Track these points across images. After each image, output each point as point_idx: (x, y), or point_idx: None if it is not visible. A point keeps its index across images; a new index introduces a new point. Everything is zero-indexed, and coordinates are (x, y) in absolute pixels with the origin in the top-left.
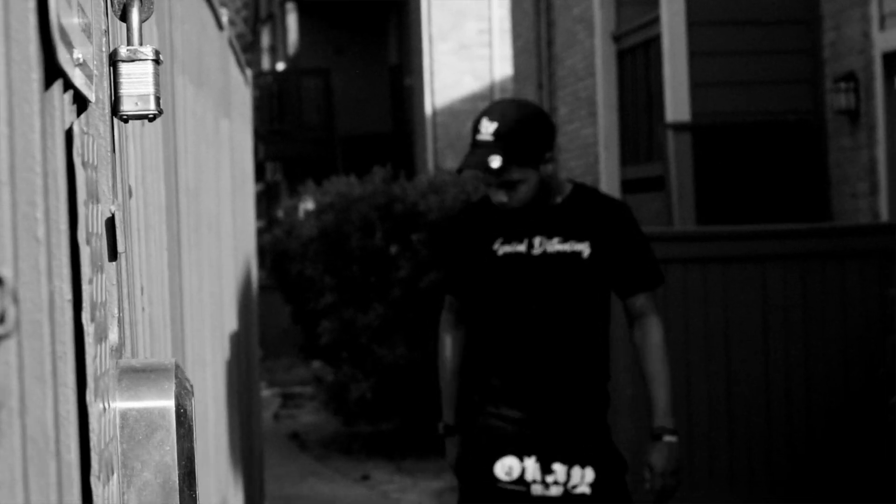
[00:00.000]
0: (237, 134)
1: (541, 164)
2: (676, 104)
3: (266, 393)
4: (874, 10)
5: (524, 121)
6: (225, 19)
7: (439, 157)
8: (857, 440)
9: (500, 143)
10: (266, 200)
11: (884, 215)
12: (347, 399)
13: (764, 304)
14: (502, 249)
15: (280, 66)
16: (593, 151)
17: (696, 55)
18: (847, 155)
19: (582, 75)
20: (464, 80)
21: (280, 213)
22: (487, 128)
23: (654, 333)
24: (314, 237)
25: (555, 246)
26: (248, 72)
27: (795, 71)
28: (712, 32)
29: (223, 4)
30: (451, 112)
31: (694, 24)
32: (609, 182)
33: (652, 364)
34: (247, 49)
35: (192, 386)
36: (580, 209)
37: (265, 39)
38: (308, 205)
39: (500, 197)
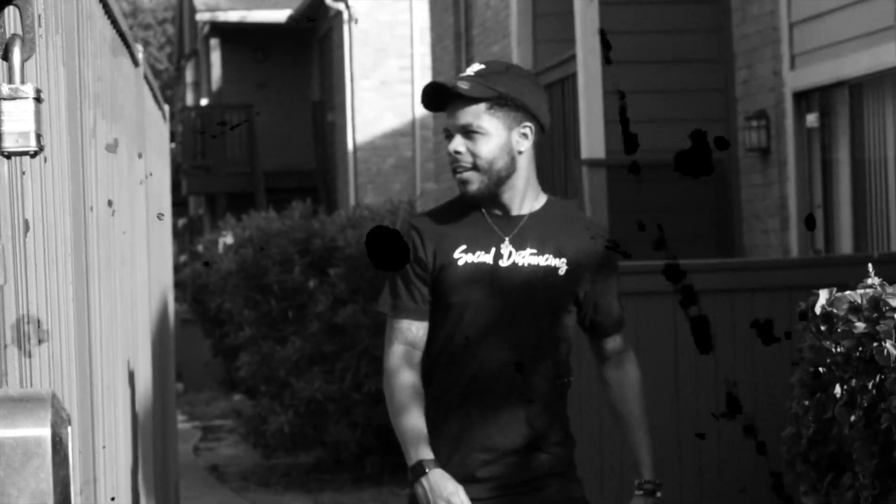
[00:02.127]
0: (154, 168)
1: (516, 130)
2: (591, 141)
3: (186, 426)
4: (785, 50)
5: (515, 70)
6: (140, 55)
7: (360, 192)
8: (758, 470)
9: (479, 78)
10: (189, 235)
11: (794, 251)
12: (266, 432)
13: (675, 339)
14: (464, 259)
15: (204, 102)
16: None
17: (611, 93)
18: (758, 191)
19: None
20: (385, 116)
21: (200, 248)
22: (474, 67)
23: (633, 371)
24: (233, 271)
25: (527, 258)
26: (166, 107)
27: (709, 109)
28: (627, 70)
29: (146, 41)
30: (373, 148)
31: (608, 61)
32: None
33: (632, 405)
34: (171, 85)
35: (68, 415)
36: (557, 223)
37: (189, 75)
38: (228, 239)
39: (457, 145)
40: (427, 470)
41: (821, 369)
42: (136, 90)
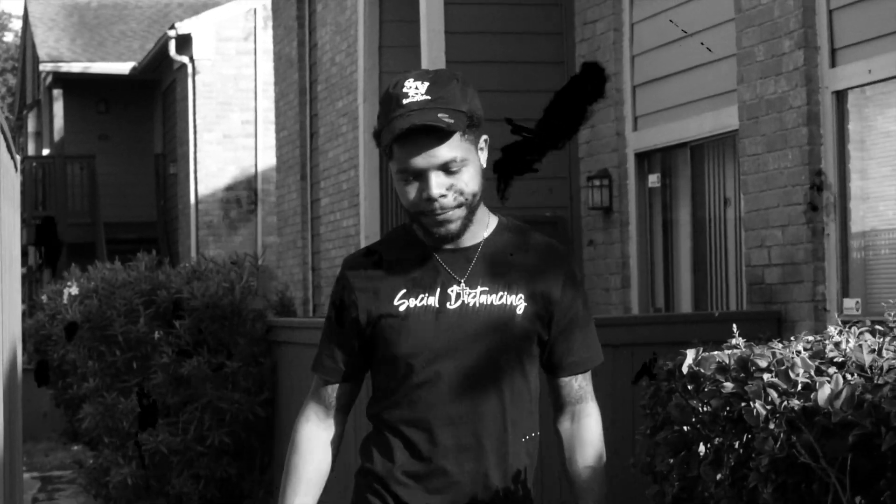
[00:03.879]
0: (5, 218)
1: (479, 147)
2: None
3: (25, 476)
4: (628, 111)
5: (459, 79)
6: None
7: (202, 244)
8: None
9: (439, 102)
10: (28, 285)
11: (635, 308)
12: (108, 483)
13: None
14: (406, 304)
15: (45, 152)
16: (355, 241)
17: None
18: (600, 250)
19: (345, 167)
20: (227, 168)
21: (44, 298)
22: (418, 87)
23: (593, 426)
24: (78, 322)
25: (478, 297)
26: (18, 157)
27: (552, 168)
28: None
29: None
30: (215, 200)
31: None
32: None
33: (587, 463)
34: (12, 135)
35: None
36: (512, 252)
37: (31, 125)
38: (73, 290)
39: (439, 187)
40: None
41: (685, 428)
42: None
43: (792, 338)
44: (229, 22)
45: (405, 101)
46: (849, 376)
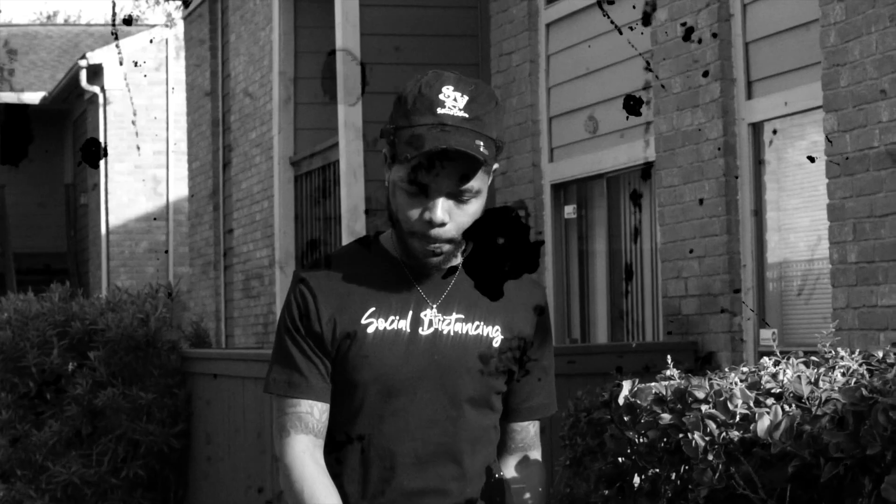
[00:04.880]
0: None
1: (490, 174)
2: (352, 227)
3: None
4: (544, 143)
5: (497, 101)
6: None
7: (113, 275)
8: None
9: (476, 124)
10: None
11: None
12: None
13: None
14: (375, 325)
15: None
16: (269, 273)
17: (372, 181)
18: None
19: (258, 198)
20: (139, 199)
21: None
22: (456, 99)
23: (540, 475)
24: None
25: (453, 325)
26: None
27: None
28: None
29: None
30: (126, 231)
31: (370, 150)
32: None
33: None
34: None
35: None
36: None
37: None
38: None
39: (443, 213)
40: None
41: (620, 459)
42: None
43: (726, 368)
44: (141, 52)
45: (440, 111)
46: (787, 407)
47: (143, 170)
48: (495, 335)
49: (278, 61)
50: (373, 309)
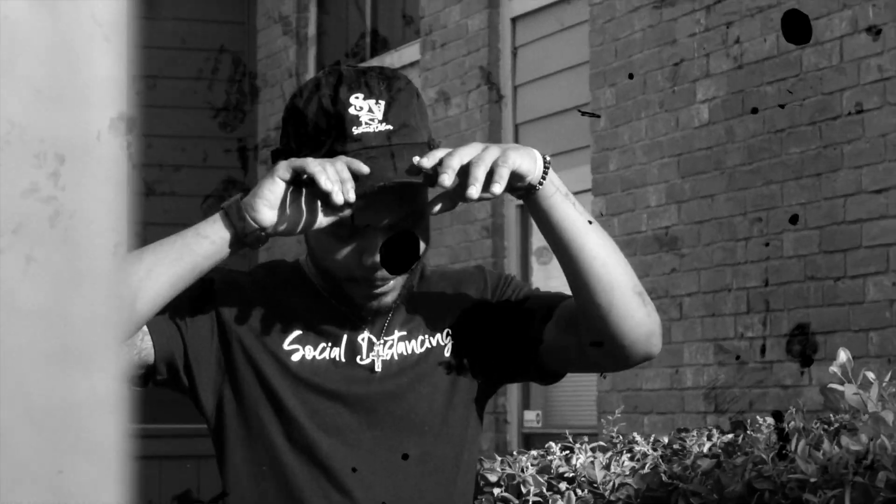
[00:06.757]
0: None
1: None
2: None
3: None
4: None
5: (416, 94)
6: None
7: None
8: None
9: (403, 135)
10: None
11: None
12: None
13: None
14: (301, 354)
15: None
16: None
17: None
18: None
19: None
20: None
21: None
22: (373, 109)
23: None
24: None
25: (395, 347)
26: None
27: None
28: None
29: None
30: None
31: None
32: None
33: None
34: None
35: None
36: (424, 286)
37: None
38: None
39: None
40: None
41: None
42: None
43: (514, 451)
44: None
45: (356, 131)
46: (580, 492)
47: None
48: (446, 342)
49: None
50: (298, 333)
